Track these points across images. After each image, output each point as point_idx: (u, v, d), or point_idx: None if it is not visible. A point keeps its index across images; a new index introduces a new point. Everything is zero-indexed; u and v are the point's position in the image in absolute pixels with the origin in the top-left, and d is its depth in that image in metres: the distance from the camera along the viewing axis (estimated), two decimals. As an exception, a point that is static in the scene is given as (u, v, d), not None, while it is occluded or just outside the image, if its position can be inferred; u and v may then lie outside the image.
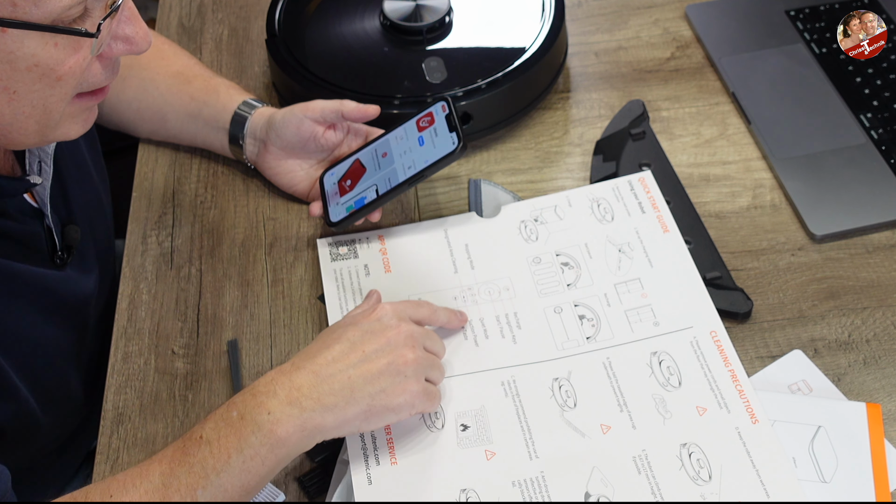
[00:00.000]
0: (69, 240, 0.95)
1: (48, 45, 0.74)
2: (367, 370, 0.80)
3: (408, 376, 0.81)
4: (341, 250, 1.01)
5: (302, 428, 0.77)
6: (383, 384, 0.80)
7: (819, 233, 1.00)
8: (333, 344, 0.81)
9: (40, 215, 0.91)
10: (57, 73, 0.76)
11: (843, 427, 0.85)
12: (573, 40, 1.23)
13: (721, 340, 0.90)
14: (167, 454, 0.77)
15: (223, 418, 0.78)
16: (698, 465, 0.82)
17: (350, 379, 0.79)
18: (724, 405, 0.86)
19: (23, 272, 0.89)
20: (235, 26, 1.29)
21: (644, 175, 1.04)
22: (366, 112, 1.01)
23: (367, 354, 0.81)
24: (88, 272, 0.99)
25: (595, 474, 0.82)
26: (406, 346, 0.82)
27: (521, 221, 1.02)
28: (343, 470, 0.84)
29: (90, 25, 0.76)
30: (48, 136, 0.82)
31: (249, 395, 0.79)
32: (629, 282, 0.95)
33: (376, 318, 0.84)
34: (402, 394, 0.81)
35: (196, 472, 0.75)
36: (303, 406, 0.77)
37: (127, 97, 1.10)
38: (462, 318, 0.93)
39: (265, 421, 0.77)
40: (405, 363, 0.81)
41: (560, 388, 0.88)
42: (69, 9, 0.73)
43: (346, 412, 0.79)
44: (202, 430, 0.78)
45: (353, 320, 0.84)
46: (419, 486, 0.82)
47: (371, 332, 0.82)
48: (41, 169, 0.90)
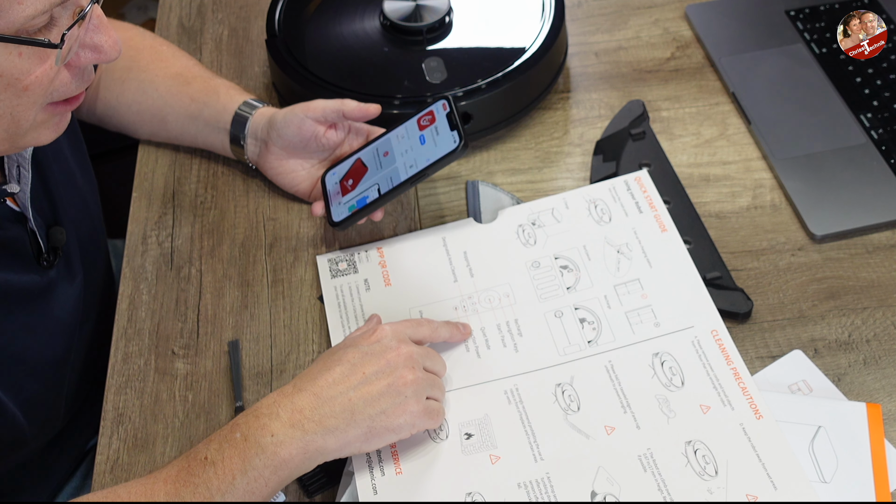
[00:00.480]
0: (55, 241, 0.94)
1: (12, 55, 0.73)
2: (368, 392, 0.81)
3: (408, 397, 0.82)
4: (341, 266, 1.01)
5: (304, 450, 0.78)
6: (384, 405, 0.81)
7: (819, 233, 1.00)
8: (334, 366, 0.82)
9: (23, 219, 0.91)
10: (22, 83, 0.75)
11: (844, 427, 0.85)
12: (573, 40, 1.23)
13: (722, 339, 0.90)
14: (171, 474, 0.78)
15: (227, 439, 0.78)
16: (704, 462, 0.82)
17: (351, 401, 0.80)
18: (728, 402, 0.86)
19: (3, 282, 0.88)
20: (235, 26, 1.29)
21: (640, 174, 1.04)
22: (367, 111, 1.01)
23: (367, 376, 0.81)
24: (74, 274, 0.98)
25: (601, 473, 0.82)
26: (406, 367, 0.83)
27: (518, 225, 1.01)
28: (348, 482, 0.85)
29: (55, 35, 0.74)
30: (18, 143, 0.81)
31: (252, 417, 0.79)
32: (629, 283, 0.95)
33: (376, 339, 0.85)
34: (402, 414, 0.81)
35: (201, 493, 0.76)
36: (305, 429, 0.78)
37: (126, 99, 1.10)
38: (465, 331, 0.93)
39: (269, 443, 0.77)
40: (405, 384, 0.82)
41: (563, 393, 0.88)
42: (32, 18, 0.72)
43: (347, 434, 0.80)
44: (206, 450, 0.78)
45: (353, 342, 0.85)
46: (424, 492, 0.83)
47: (371, 354, 0.83)
48: (20, 174, 0.89)
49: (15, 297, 0.90)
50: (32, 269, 0.92)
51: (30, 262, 0.92)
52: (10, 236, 0.89)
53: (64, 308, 0.97)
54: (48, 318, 0.95)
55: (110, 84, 1.10)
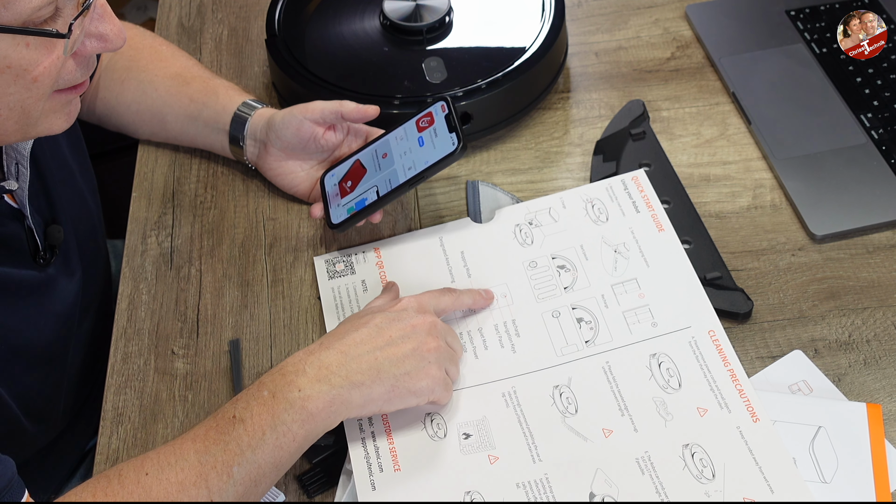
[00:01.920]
0: (52, 239, 0.95)
1: (20, 46, 0.74)
2: (393, 353, 0.83)
3: (431, 362, 0.84)
4: (338, 267, 1.01)
5: (331, 403, 0.80)
6: (408, 367, 0.83)
7: (819, 233, 1.00)
8: (361, 327, 0.85)
9: (21, 216, 0.91)
10: (31, 74, 0.76)
11: (844, 427, 0.85)
12: (573, 40, 1.23)
13: (720, 340, 0.90)
14: (199, 433, 0.79)
15: (254, 397, 0.80)
16: (701, 465, 0.82)
17: (377, 360, 0.82)
18: (725, 405, 0.86)
19: (3, 275, 0.89)
20: (235, 26, 1.29)
21: (637, 174, 1.04)
22: (365, 112, 1.01)
23: (392, 339, 0.84)
24: (72, 272, 0.99)
25: (599, 475, 0.82)
26: (429, 334, 0.85)
27: (515, 225, 1.01)
28: (347, 481, 0.85)
29: (61, 25, 0.75)
30: (30, 132, 0.82)
31: (279, 375, 0.81)
32: (626, 282, 0.95)
33: (401, 307, 0.87)
34: (425, 377, 0.83)
35: (231, 450, 0.78)
36: (332, 383, 0.80)
37: (126, 99, 1.10)
38: (488, 296, 0.95)
39: (297, 398, 0.79)
40: (429, 350, 0.84)
41: (561, 395, 0.88)
42: (39, 9, 0.73)
43: (371, 391, 0.81)
44: (234, 409, 0.80)
45: (377, 308, 0.88)
46: (422, 490, 0.83)
47: (396, 320, 0.85)
48: (18, 171, 0.90)
49: (13, 290, 0.90)
50: (29, 266, 0.92)
51: (26, 260, 0.92)
52: (7, 233, 0.89)
53: (63, 303, 0.97)
54: (47, 312, 0.95)
55: (110, 84, 1.10)
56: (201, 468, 0.77)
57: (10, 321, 0.91)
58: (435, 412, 0.87)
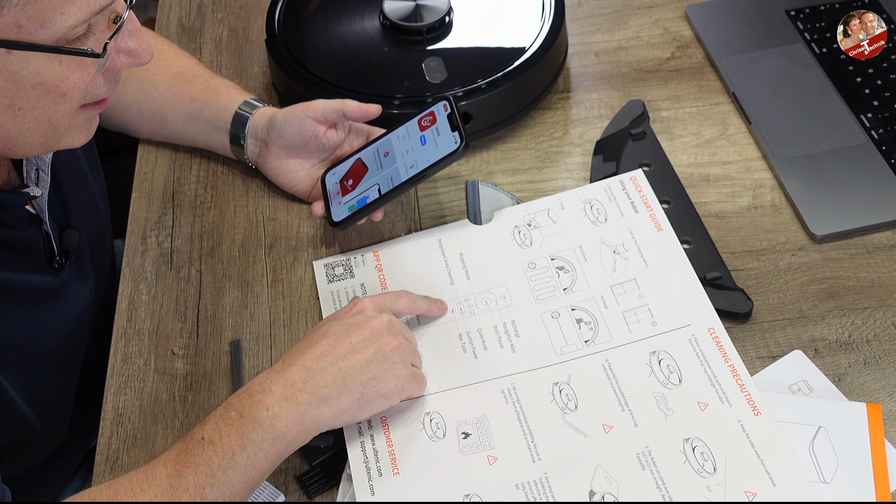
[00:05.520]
0: (67, 244, 0.95)
1: (52, 63, 0.74)
2: (356, 360, 0.83)
3: (395, 362, 0.84)
4: (337, 270, 1.01)
5: (300, 421, 0.79)
6: (373, 371, 0.83)
7: (819, 233, 1.00)
8: (320, 339, 0.84)
9: (38, 222, 0.91)
10: (62, 89, 0.76)
11: (844, 427, 0.85)
12: (573, 40, 1.23)
13: (720, 337, 0.90)
14: (170, 457, 0.78)
15: (223, 418, 0.79)
16: (702, 459, 0.82)
17: (341, 370, 0.82)
18: (726, 399, 0.86)
19: (20, 283, 0.89)
20: (235, 26, 1.29)
21: (636, 174, 1.04)
22: (367, 111, 1.01)
23: (353, 345, 0.83)
24: (85, 276, 0.99)
25: (599, 472, 0.82)
26: (389, 333, 0.85)
27: (514, 226, 1.01)
28: (348, 487, 0.85)
29: (94, 42, 0.75)
30: (52, 146, 0.82)
31: (245, 395, 0.81)
32: (625, 283, 0.95)
33: (357, 310, 0.87)
34: (391, 378, 0.83)
35: (202, 472, 0.77)
36: (299, 400, 0.80)
37: (127, 98, 1.10)
38: (442, 306, 0.95)
39: (265, 417, 0.79)
40: (391, 349, 0.84)
41: (560, 392, 0.88)
42: (73, 28, 0.73)
43: (340, 402, 0.81)
44: (202, 431, 0.79)
45: (335, 317, 0.87)
46: (422, 493, 0.83)
47: (355, 325, 0.85)
48: (38, 177, 0.90)
49: (30, 295, 0.91)
50: (45, 271, 0.92)
51: (42, 265, 0.92)
52: (27, 238, 0.90)
53: (77, 307, 0.97)
54: (62, 317, 0.95)
55: None
56: (173, 492, 0.76)
57: (27, 327, 0.91)
58: (434, 411, 0.87)
